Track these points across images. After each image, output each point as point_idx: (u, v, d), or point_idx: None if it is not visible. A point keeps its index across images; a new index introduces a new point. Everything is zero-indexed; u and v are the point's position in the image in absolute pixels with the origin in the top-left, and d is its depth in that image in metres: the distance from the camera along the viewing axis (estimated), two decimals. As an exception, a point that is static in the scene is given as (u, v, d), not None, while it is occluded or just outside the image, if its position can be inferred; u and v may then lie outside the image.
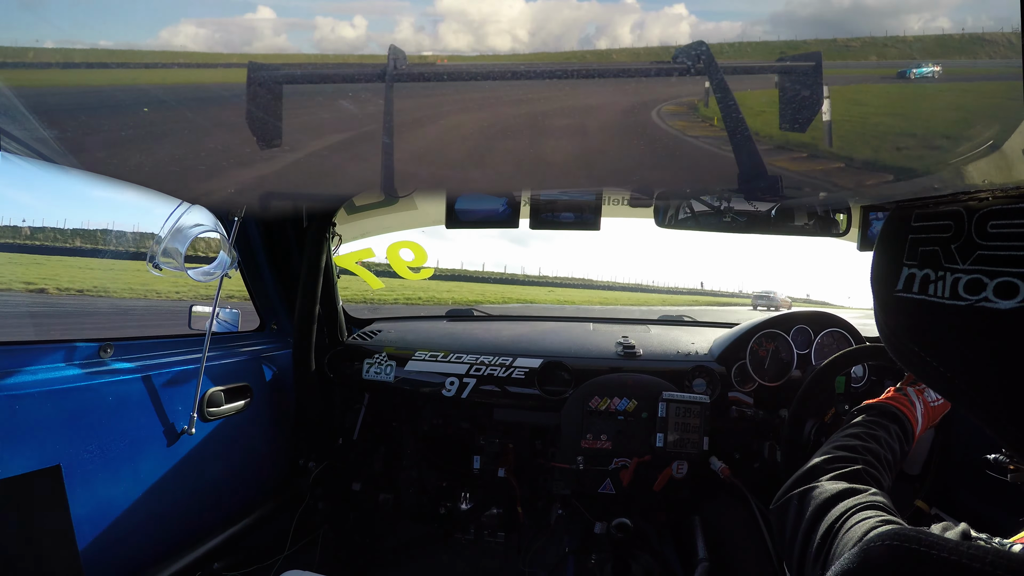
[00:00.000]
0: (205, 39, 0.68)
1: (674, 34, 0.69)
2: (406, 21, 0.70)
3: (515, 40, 0.69)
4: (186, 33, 0.67)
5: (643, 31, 0.70)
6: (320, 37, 0.68)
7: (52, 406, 1.38)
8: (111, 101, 0.84)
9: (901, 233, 0.72)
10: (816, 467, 0.98)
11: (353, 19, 0.68)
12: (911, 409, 1.22)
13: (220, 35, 0.68)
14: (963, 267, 0.63)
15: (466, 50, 0.69)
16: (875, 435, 1.09)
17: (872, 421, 1.15)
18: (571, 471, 2.18)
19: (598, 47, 0.71)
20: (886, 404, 1.21)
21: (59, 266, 23.08)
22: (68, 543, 1.39)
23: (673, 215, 1.98)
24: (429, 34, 0.69)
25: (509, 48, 0.70)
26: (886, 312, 0.74)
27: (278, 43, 0.68)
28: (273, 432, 2.31)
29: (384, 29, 0.69)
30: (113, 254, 25.54)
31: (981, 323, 0.61)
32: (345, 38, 0.68)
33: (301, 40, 0.69)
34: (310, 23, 0.68)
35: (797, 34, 0.70)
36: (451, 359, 2.44)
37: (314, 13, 0.68)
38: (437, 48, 0.69)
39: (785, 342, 2.29)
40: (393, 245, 2.58)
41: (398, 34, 0.69)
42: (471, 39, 0.69)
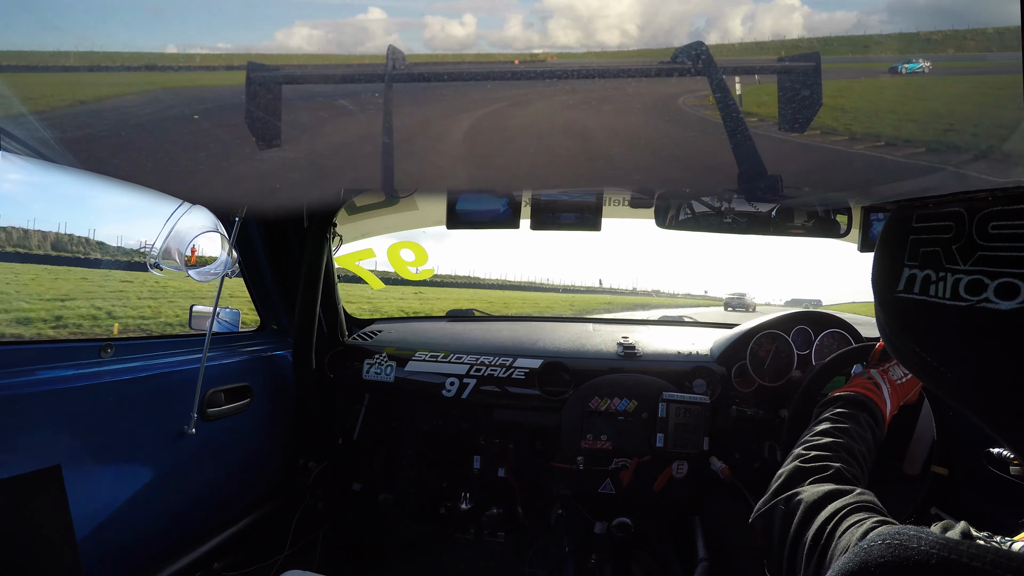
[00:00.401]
0: (319, 40, 0.69)
1: (787, 26, 0.68)
2: (515, 18, 0.70)
3: (624, 35, 0.69)
4: (300, 35, 0.68)
5: (754, 23, 0.69)
6: (430, 36, 0.68)
7: (52, 406, 1.38)
8: (114, 104, 0.84)
9: (902, 234, 0.72)
10: (795, 472, 0.98)
11: (463, 17, 0.68)
12: (877, 392, 1.22)
13: (333, 36, 0.69)
14: (964, 268, 0.63)
15: (575, 46, 0.69)
16: (845, 429, 1.09)
17: (840, 414, 1.15)
18: (571, 471, 2.19)
19: (709, 41, 0.70)
20: (852, 393, 1.21)
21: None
22: (68, 543, 1.39)
23: (674, 216, 1.98)
24: (538, 31, 0.69)
25: (618, 44, 0.70)
26: (887, 312, 0.74)
27: (389, 42, 0.69)
28: (273, 432, 2.31)
29: (494, 27, 0.69)
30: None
31: (982, 324, 0.61)
32: (455, 36, 0.68)
33: (412, 39, 0.70)
34: (420, 22, 0.68)
35: (916, 24, 0.68)
36: (451, 359, 2.45)
37: (424, 12, 0.69)
38: (546, 45, 0.69)
39: (785, 343, 2.29)
40: (394, 245, 2.58)
41: (507, 31, 0.69)
42: (580, 35, 0.69)
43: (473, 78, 0.72)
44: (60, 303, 14.38)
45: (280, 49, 0.68)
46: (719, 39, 0.70)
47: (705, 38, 0.70)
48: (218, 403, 1.94)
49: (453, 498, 2.52)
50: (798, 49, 0.70)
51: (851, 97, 0.79)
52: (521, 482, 2.46)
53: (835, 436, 1.07)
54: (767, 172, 0.80)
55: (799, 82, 0.70)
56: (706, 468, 2.11)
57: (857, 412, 1.15)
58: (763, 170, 0.79)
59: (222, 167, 0.92)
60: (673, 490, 2.16)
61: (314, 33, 0.68)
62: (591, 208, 2.00)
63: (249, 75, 0.69)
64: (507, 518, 2.51)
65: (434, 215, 2.53)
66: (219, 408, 1.94)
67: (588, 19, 0.68)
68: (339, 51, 0.69)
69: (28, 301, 14.42)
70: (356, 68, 0.70)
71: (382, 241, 2.66)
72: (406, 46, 0.69)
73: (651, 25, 0.69)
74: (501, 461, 2.44)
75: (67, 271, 20.51)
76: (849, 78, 0.74)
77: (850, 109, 0.79)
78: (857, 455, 1.03)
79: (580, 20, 0.68)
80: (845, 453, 1.02)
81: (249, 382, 2.12)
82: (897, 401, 1.26)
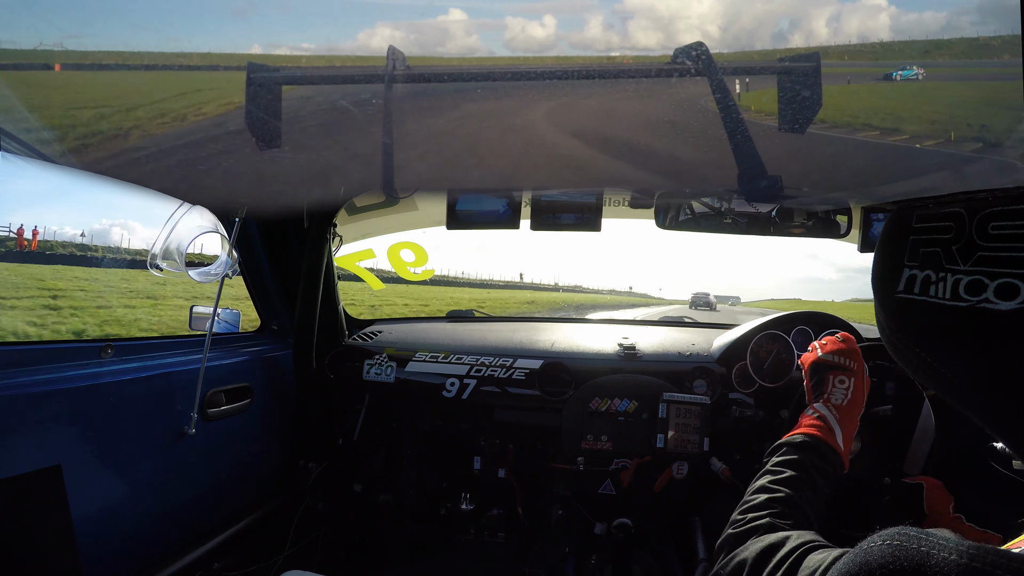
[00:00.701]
0: (400, 41, 0.69)
1: (873, 27, 0.67)
2: (595, 19, 0.69)
3: (706, 36, 0.68)
4: (382, 36, 0.68)
5: (840, 24, 0.68)
6: (510, 37, 0.69)
7: (53, 406, 1.38)
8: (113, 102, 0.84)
9: (902, 234, 0.72)
10: (729, 539, 0.98)
11: (543, 18, 0.68)
12: (824, 427, 1.20)
13: (414, 37, 0.69)
14: (964, 268, 0.63)
15: (656, 48, 0.69)
16: (786, 479, 1.08)
17: (782, 463, 1.13)
18: (571, 472, 2.19)
19: (792, 43, 0.69)
20: (798, 437, 1.19)
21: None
22: (68, 543, 1.39)
23: (674, 216, 1.99)
24: (618, 32, 0.69)
25: None
26: (887, 313, 0.74)
27: (469, 44, 0.69)
28: (273, 432, 2.31)
29: (574, 28, 0.69)
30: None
31: (982, 324, 0.61)
32: (535, 38, 0.68)
33: (492, 41, 0.70)
34: (501, 23, 0.69)
35: (1009, 26, 0.65)
36: (451, 360, 2.45)
37: (504, 14, 0.69)
38: (626, 47, 0.69)
39: (786, 343, 2.29)
40: (394, 246, 2.58)
41: (587, 32, 0.69)
42: (661, 36, 0.68)
43: (473, 79, 0.72)
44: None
45: (362, 50, 0.69)
46: (803, 41, 0.69)
47: (789, 40, 0.69)
48: (218, 403, 1.94)
49: (453, 499, 2.52)
50: (891, 54, 0.69)
51: (852, 99, 0.79)
52: (521, 483, 2.46)
53: (772, 491, 1.05)
54: (767, 172, 0.80)
55: (799, 82, 0.70)
56: (706, 469, 2.11)
57: (801, 456, 1.13)
58: (763, 170, 0.79)
59: (222, 167, 0.92)
60: (673, 491, 2.16)
61: (395, 34, 0.68)
62: (591, 208, 2.00)
63: (249, 75, 0.69)
64: (507, 519, 2.51)
65: (434, 216, 2.53)
66: (219, 408, 1.94)
67: (669, 20, 0.68)
68: (421, 52, 0.69)
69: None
70: (356, 69, 0.70)
71: (382, 241, 2.66)
72: (487, 48, 0.69)
73: (733, 26, 0.69)
74: (501, 462, 2.44)
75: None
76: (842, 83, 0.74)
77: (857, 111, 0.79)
78: (800, 504, 1.02)
79: (661, 21, 0.68)
80: (784, 507, 1.01)
81: (249, 382, 2.12)
82: (850, 423, 1.24)
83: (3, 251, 26.67)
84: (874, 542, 0.62)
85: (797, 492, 1.05)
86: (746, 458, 2.21)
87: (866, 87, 0.75)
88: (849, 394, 1.27)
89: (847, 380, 1.29)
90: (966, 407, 0.68)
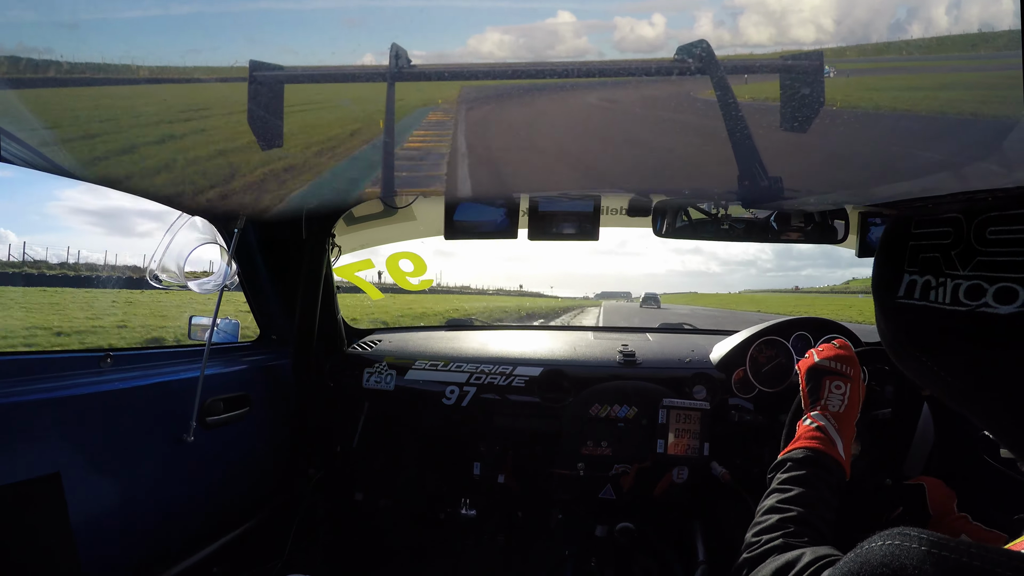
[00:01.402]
0: (510, 45, 0.69)
1: (996, 13, 0.63)
2: (705, 16, 0.69)
3: (819, 30, 0.68)
4: (492, 40, 0.69)
5: (960, 12, 0.67)
6: (620, 37, 0.68)
7: (52, 415, 1.37)
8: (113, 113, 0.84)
9: (902, 240, 0.74)
10: (745, 563, 0.97)
11: (652, 17, 0.68)
12: (824, 438, 1.19)
13: (524, 40, 0.70)
14: (963, 273, 0.65)
15: (768, 43, 0.69)
16: (794, 497, 1.07)
17: (789, 480, 1.12)
18: (572, 477, 2.18)
19: (911, 34, 0.68)
20: (799, 451, 1.18)
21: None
22: (68, 550, 1.38)
23: (671, 224, 1.99)
24: (729, 28, 0.69)
25: (813, 39, 0.69)
26: (887, 318, 0.75)
27: (579, 45, 0.69)
28: (272, 441, 2.30)
29: (683, 25, 0.69)
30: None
31: (982, 328, 0.62)
32: (645, 37, 0.68)
33: (601, 42, 0.69)
34: (610, 24, 0.68)
35: None
36: (451, 368, 2.44)
37: (613, 14, 0.68)
38: (738, 43, 0.69)
39: (785, 348, 2.29)
40: (392, 256, 2.58)
41: (697, 30, 0.69)
42: (773, 31, 0.68)
43: (474, 76, 0.72)
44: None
45: (472, 55, 0.69)
46: (922, 31, 0.67)
47: (907, 30, 0.68)
48: (217, 411, 1.93)
49: (453, 504, 2.51)
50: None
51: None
52: (521, 488, 2.45)
53: (783, 511, 1.04)
54: (767, 172, 0.81)
55: (801, 81, 0.70)
56: (707, 473, 2.11)
57: (807, 471, 1.12)
58: (763, 170, 0.80)
59: (222, 177, 0.92)
60: (674, 495, 2.16)
61: (505, 38, 0.69)
62: (589, 217, 2.01)
63: (251, 74, 0.69)
64: (507, 524, 2.50)
65: (432, 225, 2.54)
66: (218, 416, 1.92)
67: (781, 14, 0.68)
68: (530, 56, 0.69)
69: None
70: (358, 67, 0.70)
71: (381, 251, 2.67)
72: (596, 48, 0.69)
73: (848, 18, 0.69)
74: (501, 467, 2.43)
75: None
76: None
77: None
78: (812, 520, 1.02)
79: (772, 16, 0.68)
80: (797, 525, 1.00)
81: (248, 391, 2.11)
82: (849, 429, 1.23)
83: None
84: (874, 542, 0.62)
85: (807, 509, 1.04)
86: (746, 462, 2.20)
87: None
88: (846, 400, 1.27)
89: (843, 386, 1.29)
90: (966, 410, 0.69)
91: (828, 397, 1.28)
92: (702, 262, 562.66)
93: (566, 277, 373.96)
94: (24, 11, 0.70)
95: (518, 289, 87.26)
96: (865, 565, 0.61)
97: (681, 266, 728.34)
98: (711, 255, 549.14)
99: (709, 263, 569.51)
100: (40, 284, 33.32)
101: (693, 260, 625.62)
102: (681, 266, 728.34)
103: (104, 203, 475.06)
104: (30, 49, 0.71)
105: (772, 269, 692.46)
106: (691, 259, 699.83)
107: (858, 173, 0.84)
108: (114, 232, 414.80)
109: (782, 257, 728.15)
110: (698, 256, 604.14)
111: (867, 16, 0.69)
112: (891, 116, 0.78)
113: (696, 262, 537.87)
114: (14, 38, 0.71)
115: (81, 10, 0.68)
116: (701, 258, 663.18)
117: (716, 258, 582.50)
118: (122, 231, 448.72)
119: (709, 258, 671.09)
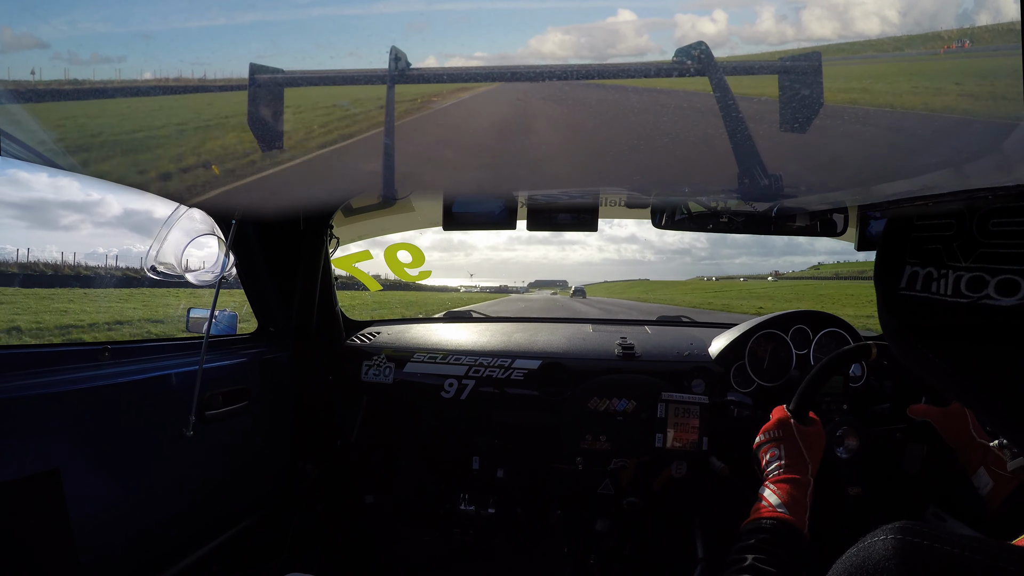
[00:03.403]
0: (571, 45, 0.69)
1: None
2: (767, 11, 0.69)
3: (884, 23, 0.67)
4: (553, 41, 0.68)
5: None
6: (681, 35, 0.68)
7: (50, 410, 1.37)
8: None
9: (904, 231, 0.73)
10: None
11: (713, 13, 0.67)
12: (770, 507, 1.26)
13: (585, 40, 0.69)
14: (965, 265, 0.64)
15: (832, 38, 0.68)
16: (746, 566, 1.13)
17: (740, 549, 1.19)
18: (570, 471, 2.19)
19: (978, 23, 0.65)
20: (744, 527, 1.25)
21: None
22: (67, 546, 1.39)
23: (670, 216, 1.99)
24: (792, 23, 0.68)
25: (878, 32, 0.67)
26: (889, 310, 0.75)
27: (640, 44, 0.68)
28: (272, 434, 2.30)
29: (745, 21, 0.69)
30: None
31: (983, 320, 0.62)
32: (706, 34, 0.67)
33: (663, 39, 0.69)
34: (670, 22, 0.68)
35: None
36: (450, 361, 2.45)
37: (674, 11, 0.68)
38: (801, 38, 0.68)
39: (783, 342, 2.30)
40: (391, 247, 2.57)
41: (759, 26, 0.68)
42: (837, 25, 0.67)
43: (473, 78, 0.72)
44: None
45: (533, 56, 0.69)
46: (990, 20, 0.64)
47: (975, 20, 0.65)
48: (216, 405, 1.93)
49: (452, 499, 2.52)
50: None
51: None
52: (520, 482, 2.46)
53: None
54: (767, 171, 0.80)
55: (800, 81, 0.70)
56: (705, 468, 2.11)
57: (754, 540, 1.19)
58: (763, 169, 0.79)
59: (220, 170, 0.92)
60: (672, 490, 2.17)
61: (566, 38, 0.68)
62: (588, 209, 2.00)
63: (252, 77, 0.68)
64: (506, 518, 2.51)
65: (431, 217, 2.53)
66: (217, 411, 1.93)
67: (844, 8, 0.67)
68: (592, 55, 0.69)
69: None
70: (358, 70, 0.70)
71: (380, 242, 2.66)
72: (658, 46, 0.68)
73: (913, 10, 0.67)
74: (500, 462, 2.44)
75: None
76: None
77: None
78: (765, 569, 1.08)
79: (836, 10, 0.67)
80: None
81: (247, 385, 2.11)
82: (798, 482, 1.30)
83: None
84: (877, 536, 0.63)
85: (759, 562, 1.11)
86: (745, 457, 2.21)
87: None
88: (782, 460, 1.35)
89: (776, 450, 1.39)
90: (968, 402, 0.69)
91: (767, 468, 1.38)
92: (638, 251, 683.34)
93: (501, 265, 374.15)
94: (99, 22, 0.70)
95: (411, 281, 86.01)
96: (867, 560, 0.61)
97: (617, 255, 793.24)
98: (646, 243, 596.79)
99: (645, 251, 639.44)
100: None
101: (629, 249, 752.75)
102: (617, 255, 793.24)
103: (25, 195, 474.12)
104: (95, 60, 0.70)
105: (706, 258, 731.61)
106: (627, 248, 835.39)
107: (858, 173, 0.84)
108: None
109: (716, 245, 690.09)
110: (633, 244, 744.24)
111: (933, 7, 0.68)
112: (906, 115, 0.78)
113: (631, 251, 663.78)
114: (90, 49, 0.71)
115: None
116: (636, 246, 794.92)
117: (651, 247, 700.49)
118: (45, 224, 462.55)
119: (644, 246, 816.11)
